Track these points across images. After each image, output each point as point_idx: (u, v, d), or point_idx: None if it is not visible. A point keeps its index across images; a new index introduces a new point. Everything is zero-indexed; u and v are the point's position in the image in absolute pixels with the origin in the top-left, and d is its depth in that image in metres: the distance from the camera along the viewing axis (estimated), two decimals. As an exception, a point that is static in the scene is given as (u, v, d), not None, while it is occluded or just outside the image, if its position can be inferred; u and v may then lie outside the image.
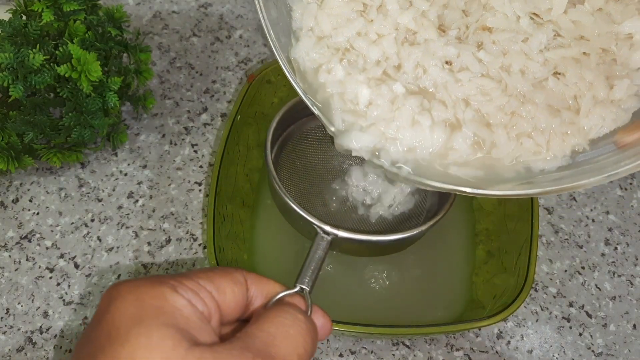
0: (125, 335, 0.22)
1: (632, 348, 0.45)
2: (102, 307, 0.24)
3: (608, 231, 0.51)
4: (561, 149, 0.32)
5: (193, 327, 0.23)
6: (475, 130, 0.32)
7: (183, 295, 0.23)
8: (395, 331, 0.38)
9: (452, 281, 0.47)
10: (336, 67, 0.33)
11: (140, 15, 0.62)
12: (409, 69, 0.33)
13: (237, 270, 0.27)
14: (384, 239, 0.38)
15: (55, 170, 0.51)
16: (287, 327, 0.24)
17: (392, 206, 0.44)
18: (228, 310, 0.26)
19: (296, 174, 0.45)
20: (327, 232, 0.35)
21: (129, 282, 0.24)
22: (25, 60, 0.41)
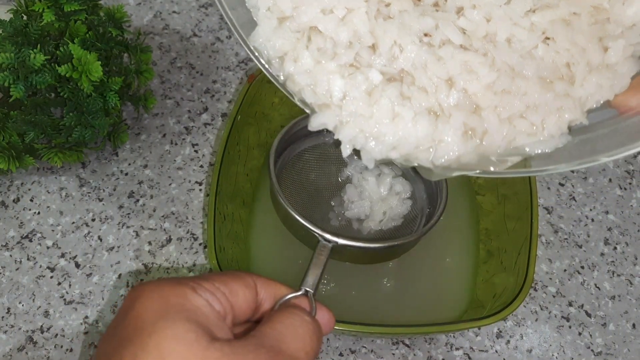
0: (152, 327, 0.23)
1: (631, 347, 0.45)
2: (126, 304, 0.26)
3: (607, 231, 0.51)
4: (558, 127, 0.29)
5: (212, 324, 0.25)
6: (464, 119, 0.29)
7: (202, 295, 0.26)
8: (395, 330, 0.38)
9: (452, 281, 0.47)
10: (303, 55, 0.30)
11: (141, 16, 0.63)
12: (385, 50, 0.29)
13: (248, 274, 0.29)
14: (380, 245, 0.40)
15: (56, 170, 0.51)
16: (296, 327, 0.26)
17: (382, 221, 0.45)
18: (240, 311, 0.28)
19: (297, 187, 0.47)
20: (327, 239, 0.38)
21: (152, 282, 0.26)
22: (26, 60, 0.41)
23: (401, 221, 0.46)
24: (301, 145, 0.47)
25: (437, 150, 0.29)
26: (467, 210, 0.50)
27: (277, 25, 0.30)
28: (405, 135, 0.29)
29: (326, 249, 0.37)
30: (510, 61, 0.29)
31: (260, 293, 0.29)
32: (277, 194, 0.40)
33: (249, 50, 0.31)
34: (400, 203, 0.46)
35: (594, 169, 0.54)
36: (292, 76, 0.30)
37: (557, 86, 0.29)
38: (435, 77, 0.29)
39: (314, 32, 0.30)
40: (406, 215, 0.46)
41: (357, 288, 0.46)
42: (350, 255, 0.42)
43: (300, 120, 0.45)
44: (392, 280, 0.46)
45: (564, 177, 0.54)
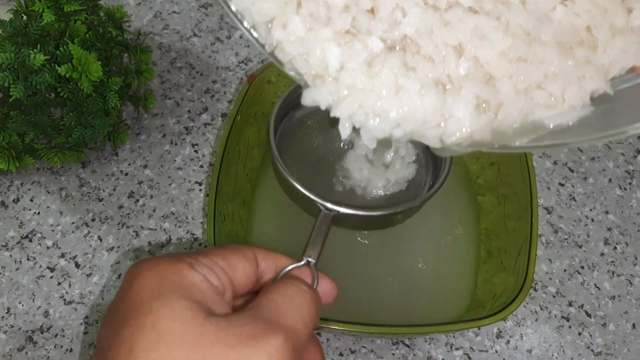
0: (149, 306, 0.24)
1: (631, 347, 0.45)
2: (125, 284, 0.26)
3: (607, 231, 0.51)
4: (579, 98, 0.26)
5: (209, 300, 0.25)
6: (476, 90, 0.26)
7: (199, 271, 0.26)
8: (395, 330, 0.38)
9: (452, 281, 0.47)
10: (293, 20, 0.26)
11: (141, 16, 0.63)
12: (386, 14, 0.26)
13: (247, 247, 0.29)
14: (382, 213, 0.39)
15: (56, 170, 0.51)
16: (293, 297, 0.26)
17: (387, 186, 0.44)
18: (240, 285, 0.28)
19: (299, 155, 0.45)
20: (329, 209, 0.37)
21: (149, 260, 0.26)
22: (26, 61, 0.41)
23: (405, 185, 0.45)
24: (302, 111, 0.46)
25: (447, 127, 0.26)
26: (467, 210, 0.50)
27: None
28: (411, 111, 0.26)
29: (328, 218, 0.36)
30: (526, 25, 0.26)
31: (261, 265, 0.29)
32: (278, 163, 0.40)
33: (231, 13, 0.28)
34: (405, 167, 0.45)
35: (593, 169, 0.54)
36: (281, 44, 0.27)
37: (577, 52, 0.26)
38: (442, 44, 0.26)
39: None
40: (411, 180, 0.45)
41: (357, 288, 0.46)
42: (354, 223, 0.41)
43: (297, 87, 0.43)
44: (392, 280, 0.46)
45: (564, 177, 0.54)
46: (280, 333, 0.24)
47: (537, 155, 0.55)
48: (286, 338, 0.24)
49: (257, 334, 0.23)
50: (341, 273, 0.46)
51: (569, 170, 0.54)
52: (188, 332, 0.23)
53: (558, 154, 0.55)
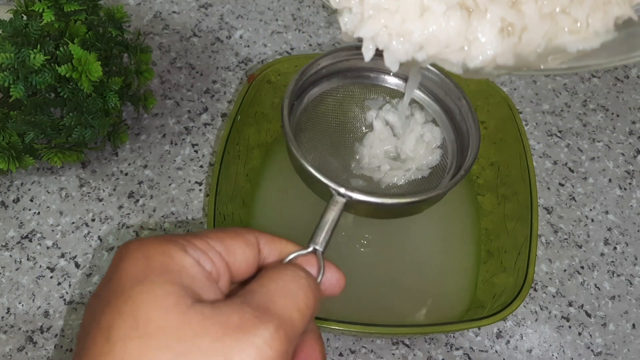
0: (129, 292, 0.22)
1: (631, 347, 0.45)
2: (112, 265, 0.24)
3: (607, 231, 0.51)
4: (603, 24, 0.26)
5: (198, 285, 0.23)
6: (502, 13, 0.25)
7: (191, 254, 0.24)
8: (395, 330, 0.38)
9: (453, 281, 0.47)
10: None
11: (141, 16, 0.63)
12: None
13: (249, 231, 0.27)
14: (399, 202, 0.37)
15: (56, 170, 0.51)
16: (287, 283, 0.24)
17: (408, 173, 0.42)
18: (239, 271, 0.26)
19: (314, 136, 0.43)
20: (341, 194, 0.35)
21: (138, 240, 0.24)
22: (26, 61, 0.41)
23: (428, 172, 0.42)
24: (319, 89, 0.44)
25: (471, 50, 0.26)
26: (467, 211, 0.50)
27: None
28: (435, 33, 0.26)
29: (339, 204, 0.34)
30: None
31: (264, 250, 0.27)
32: (290, 142, 0.37)
33: None
34: (429, 152, 0.43)
35: (593, 169, 0.54)
36: None
37: None
38: None
39: None
40: (435, 166, 0.43)
41: (357, 288, 0.46)
42: (367, 211, 0.39)
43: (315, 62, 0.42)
44: (392, 280, 0.46)
45: (563, 177, 0.54)
46: (271, 322, 0.22)
47: (537, 155, 0.55)
48: (277, 327, 0.22)
49: (245, 323, 0.21)
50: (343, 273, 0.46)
51: (568, 171, 0.54)
52: (169, 320, 0.21)
53: (558, 154, 0.55)
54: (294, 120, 0.42)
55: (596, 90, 0.60)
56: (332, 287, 0.29)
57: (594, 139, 0.57)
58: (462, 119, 0.42)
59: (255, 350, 0.21)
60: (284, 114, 0.38)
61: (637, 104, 0.59)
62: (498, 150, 0.50)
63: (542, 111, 0.58)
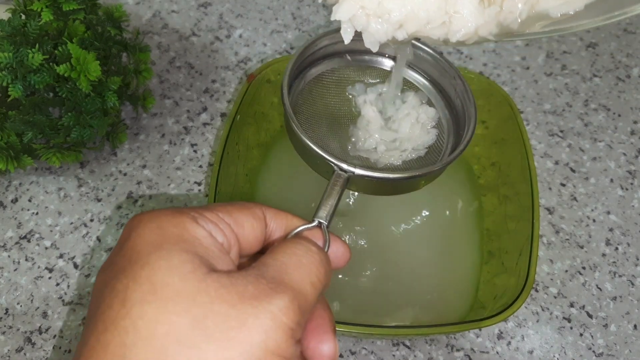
0: (146, 258, 0.22)
1: (632, 348, 0.45)
2: (124, 235, 0.24)
3: (609, 231, 0.51)
4: None
5: (212, 255, 0.23)
6: None
7: (203, 226, 0.24)
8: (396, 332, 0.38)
9: (453, 281, 0.47)
10: None
11: (140, 15, 0.62)
12: None
13: (256, 205, 0.28)
14: (400, 176, 0.37)
15: (54, 170, 0.51)
16: (300, 257, 0.25)
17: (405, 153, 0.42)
18: (247, 244, 0.26)
19: (314, 115, 0.44)
20: (343, 169, 0.35)
21: (151, 212, 0.25)
22: (24, 60, 0.41)
23: (425, 152, 0.43)
24: (317, 69, 0.44)
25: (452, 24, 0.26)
26: (469, 211, 0.50)
27: None
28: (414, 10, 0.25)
29: (342, 179, 0.34)
30: None
31: (270, 224, 0.28)
32: (291, 120, 0.38)
33: None
34: (425, 133, 0.43)
35: (595, 169, 0.54)
36: None
37: None
38: None
39: None
40: (431, 146, 0.43)
41: (358, 289, 0.46)
42: (369, 187, 0.39)
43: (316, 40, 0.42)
44: (392, 280, 0.46)
45: (565, 178, 0.53)
46: (286, 293, 0.22)
47: (538, 155, 0.55)
48: (292, 298, 0.22)
49: (260, 293, 0.22)
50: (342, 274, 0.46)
51: (570, 171, 0.54)
52: (186, 287, 0.21)
53: (559, 154, 0.55)
54: (293, 100, 0.42)
55: (598, 90, 0.60)
56: (337, 260, 0.29)
57: (596, 138, 0.56)
58: (457, 97, 0.42)
59: (270, 316, 0.21)
60: (283, 92, 0.39)
61: (639, 103, 0.59)
62: (499, 150, 0.50)
63: (544, 111, 0.58)
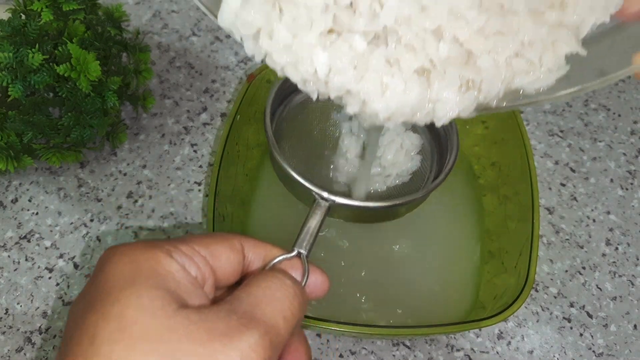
0: (117, 294, 0.22)
1: (632, 348, 0.45)
2: (97, 268, 0.24)
3: (609, 231, 0.51)
4: (554, 61, 0.27)
5: (184, 290, 0.23)
6: (459, 72, 0.27)
7: (177, 259, 0.24)
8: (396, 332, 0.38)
9: (453, 281, 0.47)
10: (278, 29, 0.27)
11: (140, 15, 0.62)
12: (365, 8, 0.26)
13: (234, 236, 0.28)
14: (381, 205, 0.38)
15: (54, 170, 0.51)
16: (274, 291, 0.25)
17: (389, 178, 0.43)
18: (223, 276, 0.26)
19: (297, 142, 0.44)
20: (324, 198, 0.35)
21: (125, 245, 0.24)
22: (24, 60, 0.41)
23: (409, 178, 0.43)
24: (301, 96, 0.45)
25: (436, 111, 0.27)
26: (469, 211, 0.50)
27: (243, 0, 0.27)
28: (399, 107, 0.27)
29: (322, 207, 0.35)
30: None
31: (248, 255, 0.28)
32: (273, 148, 0.38)
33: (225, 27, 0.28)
34: (409, 159, 0.44)
35: (595, 169, 0.54)
36: (270, 55, 0.28)
37: (549, 16, 0.27)
38: (421, 30, 0.26)
39: (284, 1, 0.27)
40: (415, 172, 0.44)
41: (358, 289, 0.46)
42: (350, 215, 0.39)
43: None
44: (393, 280, 0.46)
45: (565, 178, 0.53)
46: (257, 329, 0.22)
47: (538, 155, 0.55)
48: (263, 334, 0.22)
49: (230, 330, 0.22)
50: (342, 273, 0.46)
51: (570, 171, 0.54)
52: (155, 324, 0.21)
53: (559, 153, 0.55)
54: (277, 126, 0.42)
55: (597, 90, 0.60)
56: (317, 290, 0.29)
57: (596, 138, 0.56)
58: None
59: (239, 354, 0.21)
60: (266, 121, 0.39)
61: (639, 103, 0.59)
62: (499, 150, 0.50)
63: (544, 111, 0.58)
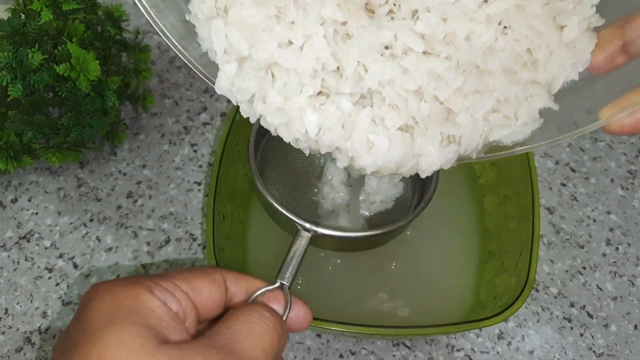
0: (98, 333, 0.23)
1: (633, 348, 0.45)
2: (81, 307, 0.25)
3: (609, 231, 0.51)
4: (529, 115, 0.30)
5: (164, 326, 0.24)
6: (440, 129, 0.29)
7: (158, 296, 0.25)
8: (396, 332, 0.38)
9: (453, 281, 0.47)
10: (270, 94, 0.29)
11: (140, 14, 0.62)
12: (350, 72, 0.28)
13: (216, 270, 0.28)
14: (361, 234, 0.39)
15: (54, 170, 0.51)
16: (253, 324, 0.25)
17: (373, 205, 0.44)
18: (205, 310, 0.27)
19: (281, 172, 0.45)
20: (307, 228, 0.36)
21: (106, 283, 0.25)
22: (24, 60, 0.41)
23: (392, 204, 0.44)
24: None
25: (420, 164, 0.30)
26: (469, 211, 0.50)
27: (238, 68, 0.29)
28: (385, 164, 0.29)
29: (304, 238, 0.35)
30: (474, 60, 0.28)
31: (230, 289, 0.28)
32: (256, 179, 0.39)
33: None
34: (392, 186, 0.45)
35: (595, 169, 0.54)
36: (264, 116, 0.30)
37: (522, 75, 0.29)
38: (403, 90, 0.29)
39: (276, 68, 0.29)
40: (398, 198, 0.44)
41: (358, 289, 0.46)
42: (333, 244, 0.40)
43: None
44: (393, 281, 0.46)
45: (565, 177, 0.53)
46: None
47: (539, 155, 0.55)
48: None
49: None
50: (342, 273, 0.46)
51: (570, 171, 0.54)
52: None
53: (560, 153, 0.55)
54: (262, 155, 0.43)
55: (598, 90, 0.60)
56: (299, 322, 0.29)
57: (596, 138, 0.56)
58: None
59: None
60: (249, 152, 0.40)
61: (639, 103, 0.59)
62: (499, 150, 0.50)
63: (544, 111, 0.58)
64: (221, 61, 0.30)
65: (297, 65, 0.28)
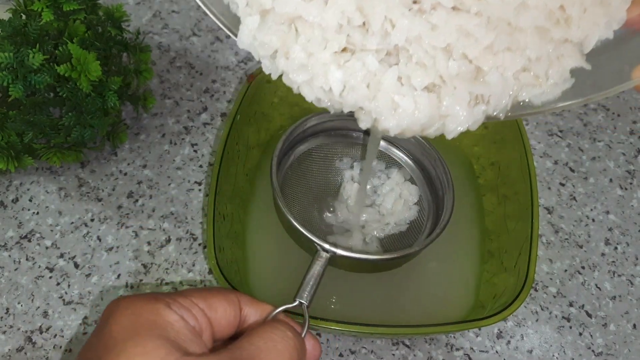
0: (122, 345, 0.24)
1: (632, 348, 0.45)
2: (102, 320, 0.26)
3: (608, 231, 0.51)
4: (560, 75, 0.29)
5: (184, 339, 0.25)
6: (468, 88, 0.28)
7: (176, 311, 0.26)
8: (395, 331, 0.38)
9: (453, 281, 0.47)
10: (294, 50, 0.28)
11: (140, 15, 0.62)
12: (377, 28, 0.27)
13: (230, 290, 0.29)
14: (379, 257, 0.39)
15: (55, 169, 0.51)
16: (276, 342, 0.26)
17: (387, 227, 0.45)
18: (220, 327, 0.28)
19: (300, 191, 0.46)
20: (326, 249, 0.37)
21: (128, 297, 0.26)
22: (25, 60, 0.41)
23: (406, 227, 0.45)
24: (304, 146, 0.47)
25: (446, 125, 0.29)
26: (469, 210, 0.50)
27: (261, 21, 0.28)
28: (410, 125, 0.28)
29: (324, 259, 0.36)
30: (505, 16, 0.27)
31: (244, 309, 0.29)
32: (278, 198, 0.40)
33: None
34: (407, 209, 0.46)
35: (594, 169, 0.54)
36: (287, 73, 0.29)
37: (555, 33, 0.28)
38: (431, 48, 0.27)
39: (300, 22, 0.28)
40: (412, 221, 0.45)
41: (358, 288, 0.46)
42: (350, 265, 0.41)
43: (303, 122, 0.45)
44: (393, 280, 0.46)
45: (564, 177, 0.54)
46: None
47: (538, 155, 0.55)
48: None
49: None
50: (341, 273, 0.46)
51: (569, 170, 0.54)
52: None
53: (559, 153, 0.55)
54: (282, 174, 0.44)
55: (597, 90, 0.60)
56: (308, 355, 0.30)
57: (595, 138, 0.56)
58: (437, 179, 0.45)
59: None
60: (272, 172, 0.40)
61: (638, 103, 0.59)
62: (498, 150, 0.50)
63: (543, 111, 0.58)
64: (243, 14, 0.29)
65: (322, 19, 0.27)
